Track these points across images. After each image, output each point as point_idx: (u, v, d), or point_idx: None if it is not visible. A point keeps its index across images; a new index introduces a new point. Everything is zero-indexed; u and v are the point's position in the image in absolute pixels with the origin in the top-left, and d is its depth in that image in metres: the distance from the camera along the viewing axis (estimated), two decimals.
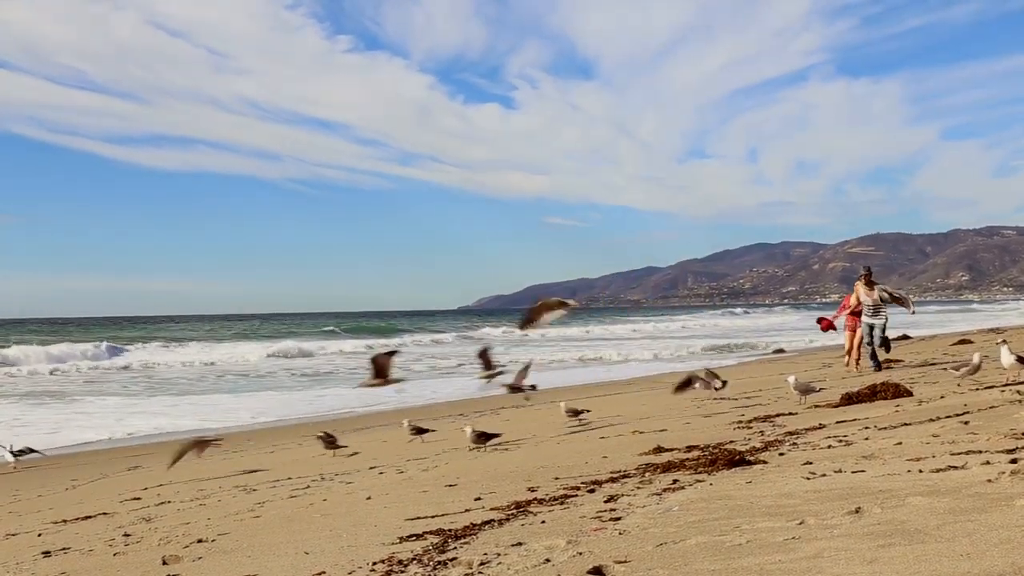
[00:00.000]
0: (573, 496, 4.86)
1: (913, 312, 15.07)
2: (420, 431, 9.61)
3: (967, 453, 4.73)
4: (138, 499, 7.25)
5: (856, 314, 14.20)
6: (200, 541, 4.82)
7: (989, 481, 3.90)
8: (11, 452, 11.22)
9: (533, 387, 9.38)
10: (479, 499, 5.09)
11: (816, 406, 8.68)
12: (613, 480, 5.29)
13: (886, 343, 14.22)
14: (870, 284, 13.92)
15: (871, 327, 13.78)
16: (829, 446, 5.71)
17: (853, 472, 4.60)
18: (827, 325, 15.19)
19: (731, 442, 6.53)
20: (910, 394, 8.45)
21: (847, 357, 14.70)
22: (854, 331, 14.31)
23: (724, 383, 10.66)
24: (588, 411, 10.07)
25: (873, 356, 13.79)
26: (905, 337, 28.13)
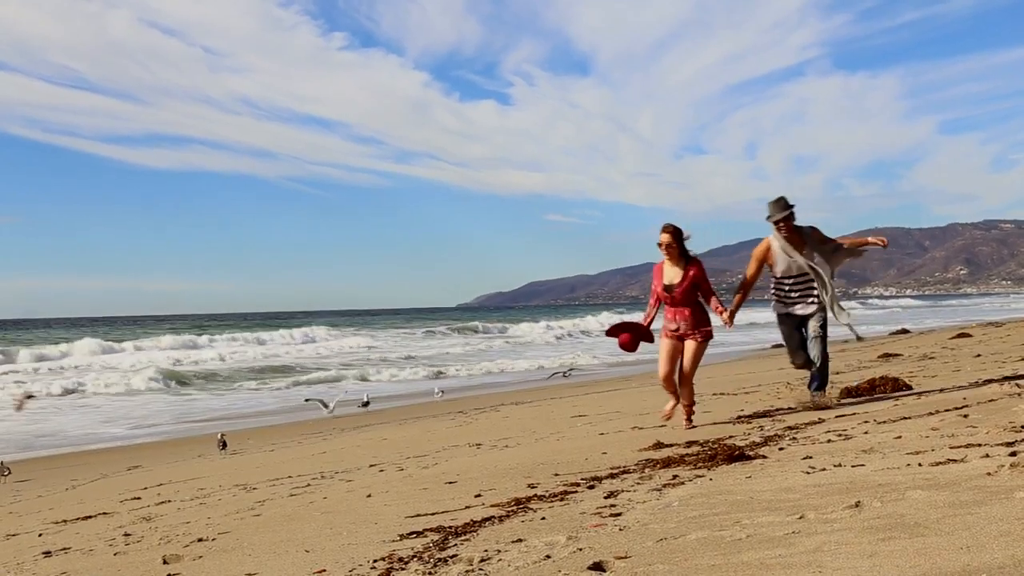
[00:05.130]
0: (573, 492, 4.86)
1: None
2: None
3: (966, 446, 4.73)
4: (138, 499, 7.26)
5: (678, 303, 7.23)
6: (200, 540, 4.82)
7: (988, 474, 3.90)
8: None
9: None
10: (479, 496, 5.09)
11: None
12: (613, 476, 5.29)
13: (823, 357, 7.41)
14: (794, 235, 7.25)
15: (801, 319, 7.46)
16: (828, 440, 5.71)
17: (853, 466, 4.60)
18: (628, 339, 7.56)
19: (730, 437, 6.53)
20: (909, 388, 8.46)
21: (669, 399, 7.56)
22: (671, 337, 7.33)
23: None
24: None
25: (807, 363, 7.49)
26: (904, 331, 28.18)
